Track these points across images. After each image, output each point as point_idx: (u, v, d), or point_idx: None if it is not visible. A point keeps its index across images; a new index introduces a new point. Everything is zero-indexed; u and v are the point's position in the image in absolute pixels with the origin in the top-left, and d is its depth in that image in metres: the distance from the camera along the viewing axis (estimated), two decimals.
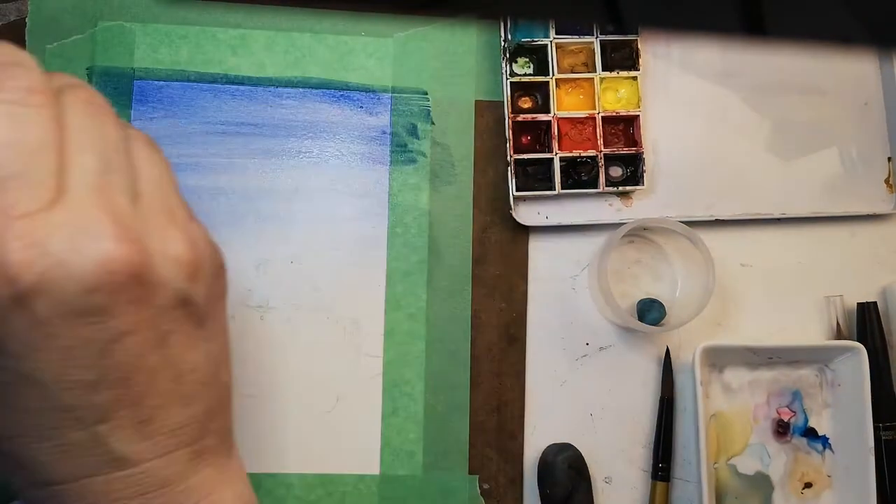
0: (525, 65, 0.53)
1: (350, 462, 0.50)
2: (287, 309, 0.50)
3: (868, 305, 0.54)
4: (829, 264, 0.55)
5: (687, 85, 0.55)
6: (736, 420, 0.53)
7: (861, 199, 0.55)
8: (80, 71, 0.50)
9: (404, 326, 0.51)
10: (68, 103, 0.32)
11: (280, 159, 0.52)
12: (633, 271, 0.54)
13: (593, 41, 0.53)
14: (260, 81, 0.52)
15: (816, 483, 0.53)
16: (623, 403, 0.52)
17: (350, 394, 0.50)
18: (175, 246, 0.33)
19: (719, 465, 0.52)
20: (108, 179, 0.32)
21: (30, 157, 0.30)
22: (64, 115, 0.32)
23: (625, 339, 0.53)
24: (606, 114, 0.53)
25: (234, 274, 0.50)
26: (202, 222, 0.37)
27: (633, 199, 0.54)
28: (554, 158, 0.52)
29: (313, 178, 0.52)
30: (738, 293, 0.54)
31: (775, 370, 0.53)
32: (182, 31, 0.52)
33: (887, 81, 0.56)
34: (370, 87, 0.53)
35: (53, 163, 0.31)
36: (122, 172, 0.33)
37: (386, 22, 0.53)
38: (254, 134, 0.52)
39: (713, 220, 0.54)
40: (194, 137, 0.51)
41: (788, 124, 0.55)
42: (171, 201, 0.35)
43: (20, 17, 0.51)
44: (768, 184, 0.55)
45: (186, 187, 0.51)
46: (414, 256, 0.52)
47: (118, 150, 0.33)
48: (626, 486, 0.52)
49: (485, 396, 0.51)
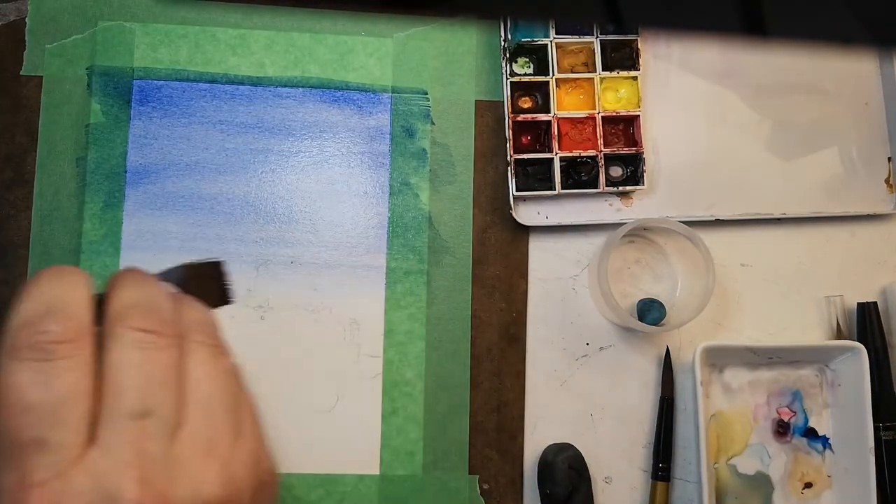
0: (525, 65, 0.53)
1: (350, 462, 0.50)
2: (287, 309, 0.50)
3: (868, 305, 0.53)
4: (829, 264, 0.55)
5: (687, 85, 0.55)
6: (736, 420, 0.53)
7: (861, 199, 0.55)
8: (80, 71, 0.50)
9: (404, 326, 0.51)
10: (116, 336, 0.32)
11: (280, 159, 0.52)
12: (633, 271, 0.54)
13: (593, 41, 0.53)
14: (260, 81, 0.52)
15: (816, 483, 0.53)
16: (623, 403, 0.52)
17: (350, 394, 0.50)
18: (208, 489, 0.32)
19: (719, 465, 0.52)
20: (142, 424, 0.31)
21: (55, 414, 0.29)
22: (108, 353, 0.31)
23: (625, 339, 0.53)
24: (606, 114, 0.53)
25: (234, 274, 0.50)
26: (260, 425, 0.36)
27: (633, 199, 0.54)
28: (554, 158, 0.52)
29: (313, 178, 0.52)
30: (738, 293, 0.54)
31: (775, 370, 0.53)
32: (182, 30, 0.52)
33: (887, 81, 0.56)
34: (370, 87, 0.53)
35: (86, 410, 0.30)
36: (164, 408, 0.32)
37: (386, 22, 0.53)
38: (254, 134, 0.52)
39: (713, 220, 0.53)
40: (194, 137, 0.51)
41: (788, 124, 0.55)
42: (218, 425, 0.34)
43: (20, 17, 0.51)
44: (768, 184, 0.55)
45: (186, 187, 0.51)
46: (414, 256, 0.52)
47: (165, 381, 0.32)
48: (626, 486, 0.52)
49: (485, 396, 0.51)
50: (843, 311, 0.54)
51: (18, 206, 0.49)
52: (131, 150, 0.50)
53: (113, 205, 0.50)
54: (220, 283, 0.37)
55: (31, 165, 0.50)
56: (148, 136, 0.51)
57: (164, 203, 0.50)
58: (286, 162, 0.52)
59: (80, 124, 0.50)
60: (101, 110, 0.50)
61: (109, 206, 0.50)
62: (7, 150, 0.50)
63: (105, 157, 0.50)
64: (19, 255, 0.49)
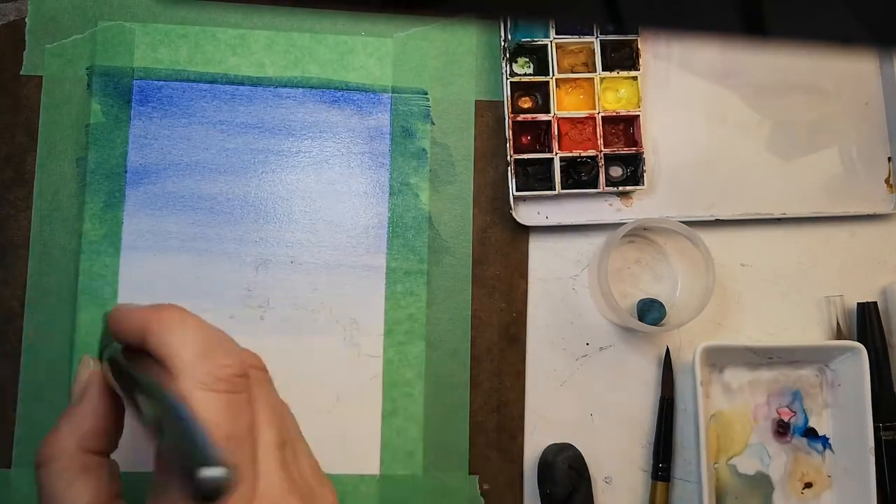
0: (525, 65, 0.53)
1: (350, 462, 0.50)
2: (287, 309, 0.50)
3: (868, 305, 0.53)
4: (829, 264, 0.55)
5: (687, 85, 0.55)
6: (736, 420, 0.53)
7: (861, 199, 0.55)
8: (80, 71, 0.50)
9: (404, 326, 0.51)
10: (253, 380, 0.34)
11: (280, 159, 0.52)
12: (633, 271, 0.54)
13: (593, 41, 0.53)
14: (260, 81, 0.52)
15: (816, 483, 0.53)
16: (623, 403, 0.52)
17: (350, 394, 0.50)
18: None
19: (719, 465, 0.52)
20: (283, 454, 0.33)
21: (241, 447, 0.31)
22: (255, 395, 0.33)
23: (625, 339, 0.53)
24: (606, 114, 0.53)
25: (234, 274, 0.50)
26: None
27: (633, 199, 0.54)
28: (554, 158, 0.52)
29: (313, 178, 0.52)
30: (738, 293, 0.54)
31: (775, 370, 0.53)
32: (182, 30, 0.52)
33: (887, 81, 0.56)
34: (370, 87, 0.53)
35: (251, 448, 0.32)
36: (288, 439, 0.34)
37: (386, 22, 0.53)
38: (254, 134, 0.52)
39: (713, 220, 0.53)
40: (194, 137, 0.51)
41: (788, 124, 0.55)
42: (308, 452, 0.36)
43: (20, 16, 0.51)
44: (768, 184, 0.55)
45: (186, 187, 0.51)
46: (414, 256, 0.52)
47: (284, 413, 0.35)
48: (626, 486, 0.52)
49: (485, 396, 0.51)
50: (843, 311, 0.54)
51: (18, 206, 0.49)
52: (131, 150, 0.50)
53: (113, 205, 0.50)
54: None
55: (31, 165, 0.50)
56: (148, 137, 0.51)
57: (164, 203, 0.50)
58: (286, 162, 0.52)
59: (80, 124, 0.50)
60: (101, 110, 0.50)
61: (109, 206, 0.50)
62: (7, 150, 0.50)
63: (105, 157, 0.50)
64: (19, 255, 0.49)
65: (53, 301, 0.49)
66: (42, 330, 0.49)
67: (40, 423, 0.48)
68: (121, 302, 0.49)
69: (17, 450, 0.47)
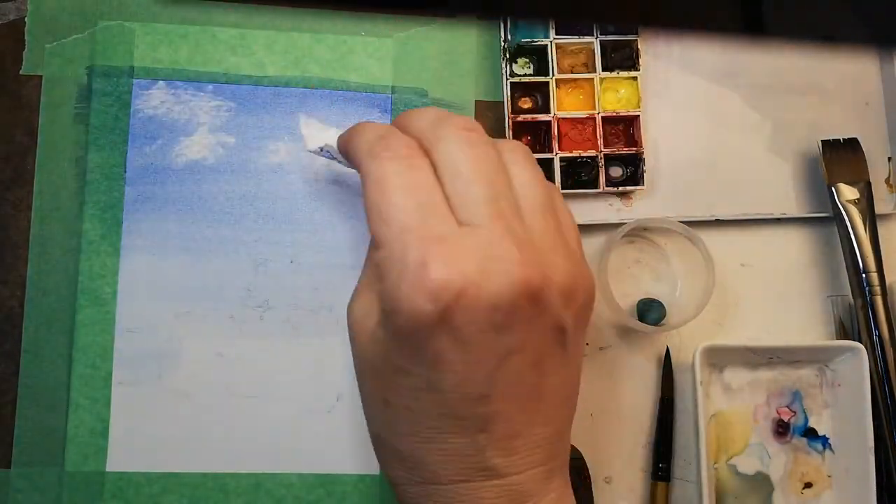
0: (525, 65, 0.53)
1: (350, 462, 0.50)
2: (287, 309, 0.50)
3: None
4: (830, 264, 0.55)
5: (687, 85, 0.55)
6: (736, 420, 0.53)
7: None
8: (79, 70, 0.50)
9: None
10: (444, 138, 0.35)
11: (280, 159, 0.52)
12: (633, 271, 0.54)
13: (593, 41, 0.53)
14: (260, 81, 0.52)
15: (816, 483, 0.53)
16: (623, 403, 0.52)
17: (350, 394, 0.50)
18: (559, 273, 0.35)
19: (719, 465, 0.52)
20: (499, 206, 0.34)
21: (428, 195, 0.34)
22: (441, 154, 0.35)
23: (625, 339, 0.53)
24: (606, 114, 0.53)
25: (234, 274, 0.50)
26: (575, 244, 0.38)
27: (633, 199, 0.54)
28: (554, 158, 0.52)
29: (313, 178, 0.52)
30: (738, 293, 0.54)
31: (775, 370, 0.53)
32: (182, 30, 0.52)
33: (887, 81, 0.56)
34: (370, 87, 0.53)
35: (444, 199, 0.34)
36: (507, 198, 0.35)
37: (386, 22, 0.53)
38: (253, 134, 0.52)
39: (713, 220, 0.53)
40: (194, 137, 0.51)
41: (788, 124, 0.55)
42: (551, 223, 0.36)
43: (20, 16, 0.51)
44: (768, 184, 0.55)
45: (186, 188, 0.51)
46: None
47: (500, 171, 0.36)
48: (626, 486, 0.52)
49: None
50: (843, 311, 0.54)
51: (18, 206, 0.49)
52: (131, 150, 0.50)
53: (113, 205, 0.50)
54: None
55: (30, 165, 0.50)
56: (148, 137, 0.51)
57: (164, 203, 0.50)
58: (286, 162, 0.52)
59: (80, 124, 0.50)
60: (101, 110, 0.50)
61: (109, 206, 0.50)
62: (7, 150, 0.50)
63: (105, 157, 0.50)
64: (19, 255, 0.49)
65: (53, 301, 0.49)
66: (42, 330, 0.49)
67: (40, 423, 0.48)
68: None
69: (16, 450, 0.47)
